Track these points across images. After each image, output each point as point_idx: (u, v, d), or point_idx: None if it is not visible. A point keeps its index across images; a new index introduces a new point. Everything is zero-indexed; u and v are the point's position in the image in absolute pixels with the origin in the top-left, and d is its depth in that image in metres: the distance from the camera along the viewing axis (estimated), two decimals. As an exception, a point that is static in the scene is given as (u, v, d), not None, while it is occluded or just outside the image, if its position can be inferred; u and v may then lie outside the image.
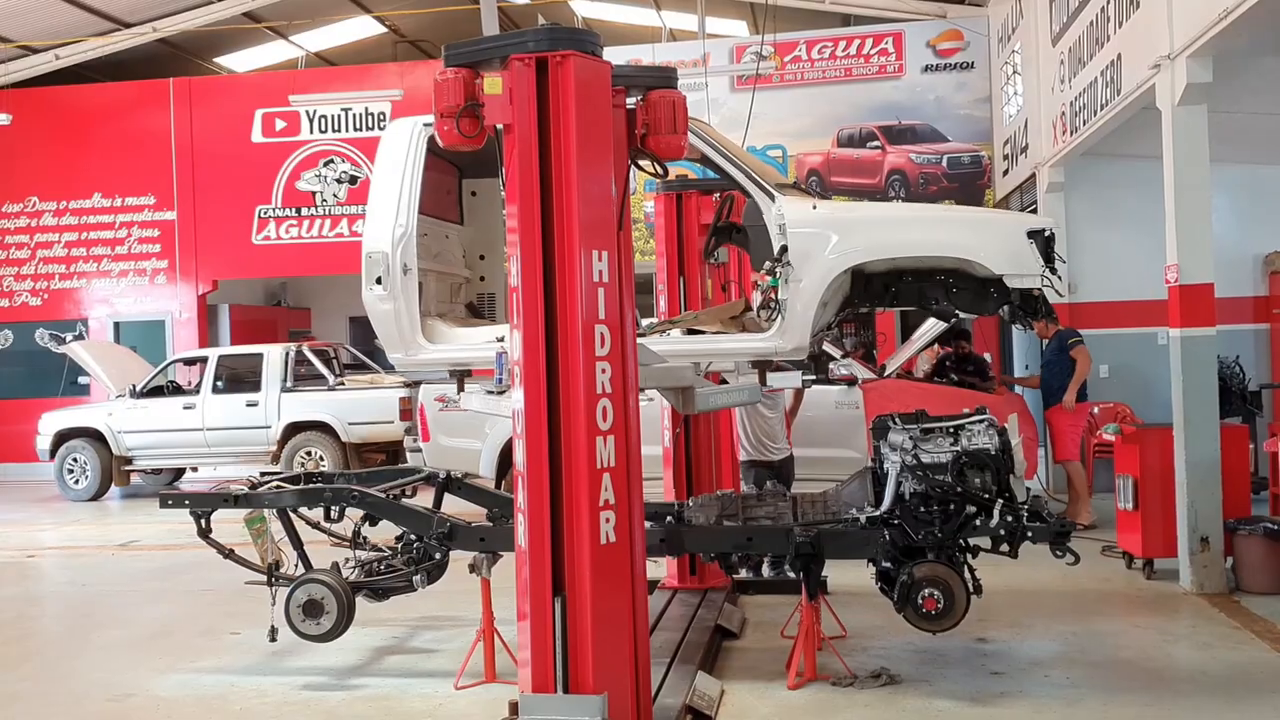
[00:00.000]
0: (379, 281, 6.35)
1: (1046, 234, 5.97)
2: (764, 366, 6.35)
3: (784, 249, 5.98)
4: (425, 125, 6.55)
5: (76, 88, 18.98)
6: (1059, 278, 6.08)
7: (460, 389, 6.68)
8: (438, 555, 6.62)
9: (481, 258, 7.72)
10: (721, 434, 8.32)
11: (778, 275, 5.96)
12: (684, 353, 6.29)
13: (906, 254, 6.11)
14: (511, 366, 4.71)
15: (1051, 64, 12.34)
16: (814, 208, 6.15)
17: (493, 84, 4.61)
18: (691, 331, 6.44)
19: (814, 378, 7.01)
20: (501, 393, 5.88)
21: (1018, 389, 12.16)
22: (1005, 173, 15.91)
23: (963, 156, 17.03)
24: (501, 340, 5.90)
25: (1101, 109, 10.17)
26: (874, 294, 6.25)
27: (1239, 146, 10.91)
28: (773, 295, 6.04)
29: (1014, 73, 14.93)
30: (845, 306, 6.44)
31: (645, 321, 7.01)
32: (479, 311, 7.67)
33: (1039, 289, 5.99)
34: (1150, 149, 8.78)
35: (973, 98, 17.04)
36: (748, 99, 13.23)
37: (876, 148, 17.29)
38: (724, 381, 7.55)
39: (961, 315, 6.56)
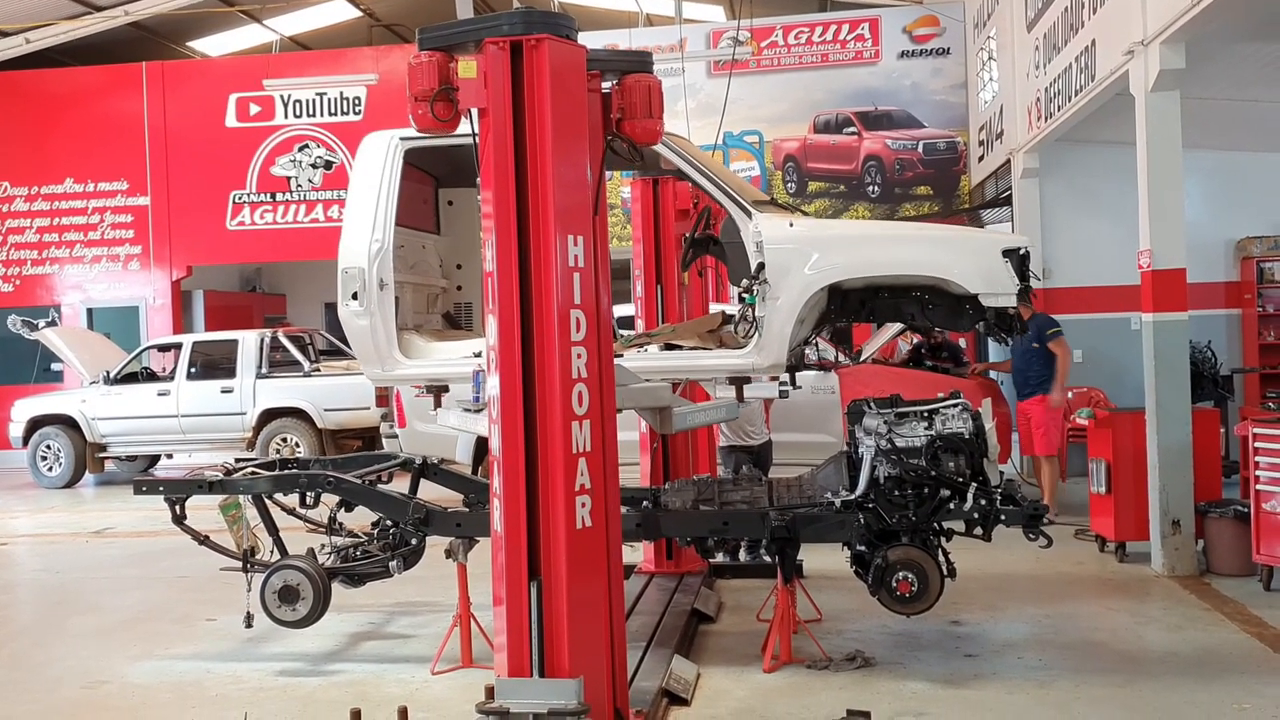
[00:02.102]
0: (355, 297, 6.32)
1: (1021, 253, 6.01)
2: (741, 382, 6.38)
3: (761, 266, 5.99)
4: (402, 139, 6.54)
5: (48, 72, 18.78)
6: (1034, 296, 6.12)
7: (437, 404, 6.66)
8: (414, 541, 6.62)
9: (458, 267, 7.69)
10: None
11: (755, 293, 5.98)
12: (662, 369, 6.34)
13: (883, 272, 6.13)
14: (487, 351, 4.70)
15: (1026, 50, 12.38)
16: (790, 225, 6.14)
17: (467, 68, 4.58)
18: (669, 346, 6.46)
19: (790, 388, 7.07)
20: (479, 410, 5.88)
21: (992, 373, 12.21)
22: (981, 158, 15.97)
23: (939, 142, 17.09)
24: (478, 355, 5.89)
25: (1075, 95, 10.22)
26: (850, 309, 6.28)
27: (1212, 132, 10.99)
28: (750, 312, 6.06)
29: (989, 59, 14.98)
30: (822, 322, 6.47)
31: (623, 333, 7.03)
32: (456, 322, 7.64)
33: (1014, 308, 6.03)
34: (1124, 135, 8.83)
35: (948, 84, 17.09)
36: (724, 84, 13.27)
37: (853, 134, 17.32)
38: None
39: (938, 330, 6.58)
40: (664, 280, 8.05)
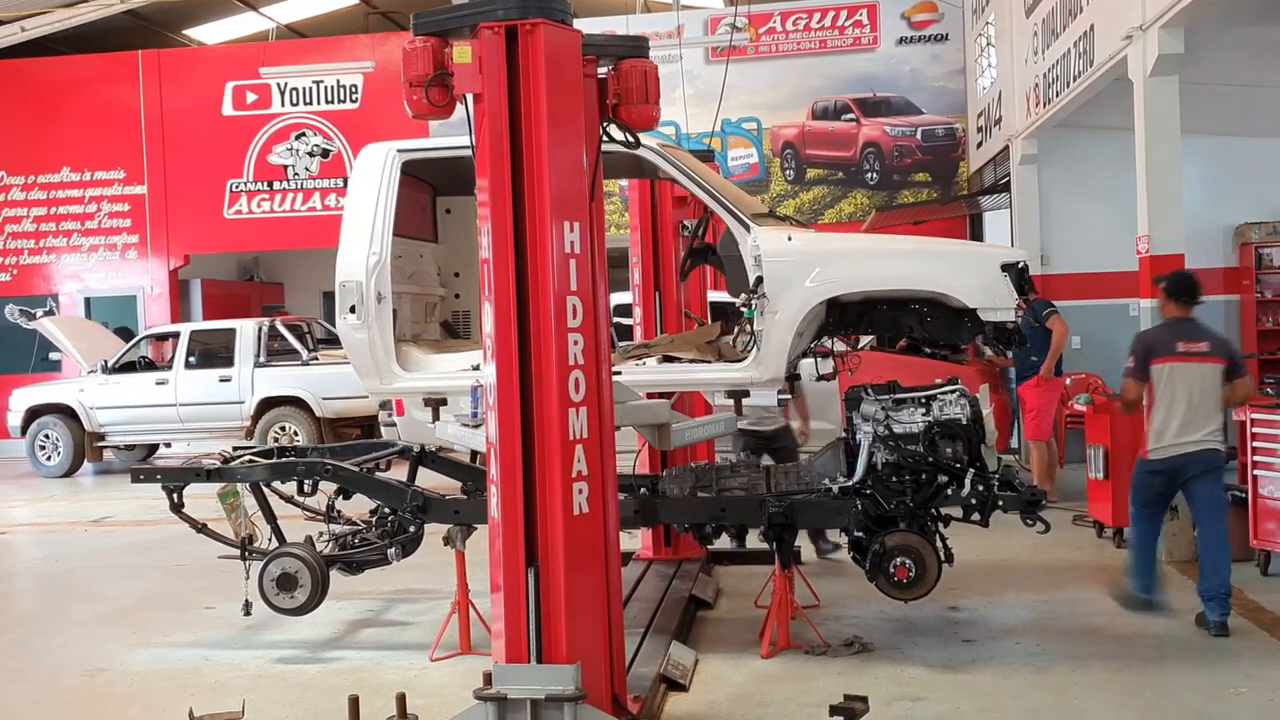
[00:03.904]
0: (353, 310, 6.31)
1: (1020, 266, 6.00)
2: (740, 395, 6.39)
3: (759, 280, 5.97)
4: (399, 151, 6.51)
5: (44, 60, 18.72)
6: (1033, 309, 6.08)
7: (435, 418, 6.67)
8: (412, 528, 6.63)
9: (456, 275, 7.66)
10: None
11: (753, 306, 5.97)
12: (661, 383, 6.36)
13: (881, 287, 6.12)
14: (484, 339, 4.69)
15: (1025, 36, 12.35)
16: (789, 239, 6.12)
17: (462, 53, 4.56)
18: (668, 358, 6.45)
19: (789, 396, 7.03)
20: (477, 426, 5.88)
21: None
22: (979, 145, 15.95)
23: (937, 129, 17.06)
24: (476, 368, 5.88)
25: (1074, 81, 10.20)
26: (849, 321, 6.27)
27: (1210, 118, 10.97)
28: (749, 326, 6.05)
29: (988, 44, 14.94)
30: (820, 334, 6.47)
31: (621, 344, 7.05)
32: (454, 330, 7.62)
33: (1012, 322, 6.02)
34: (1122, 120, 8.82)
35: (947, 70, 17.05)
36: (722, 71, 13.23)
37: (851, 120, 17.28)
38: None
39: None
40: (661, 273, 8.05)
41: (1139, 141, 8.21)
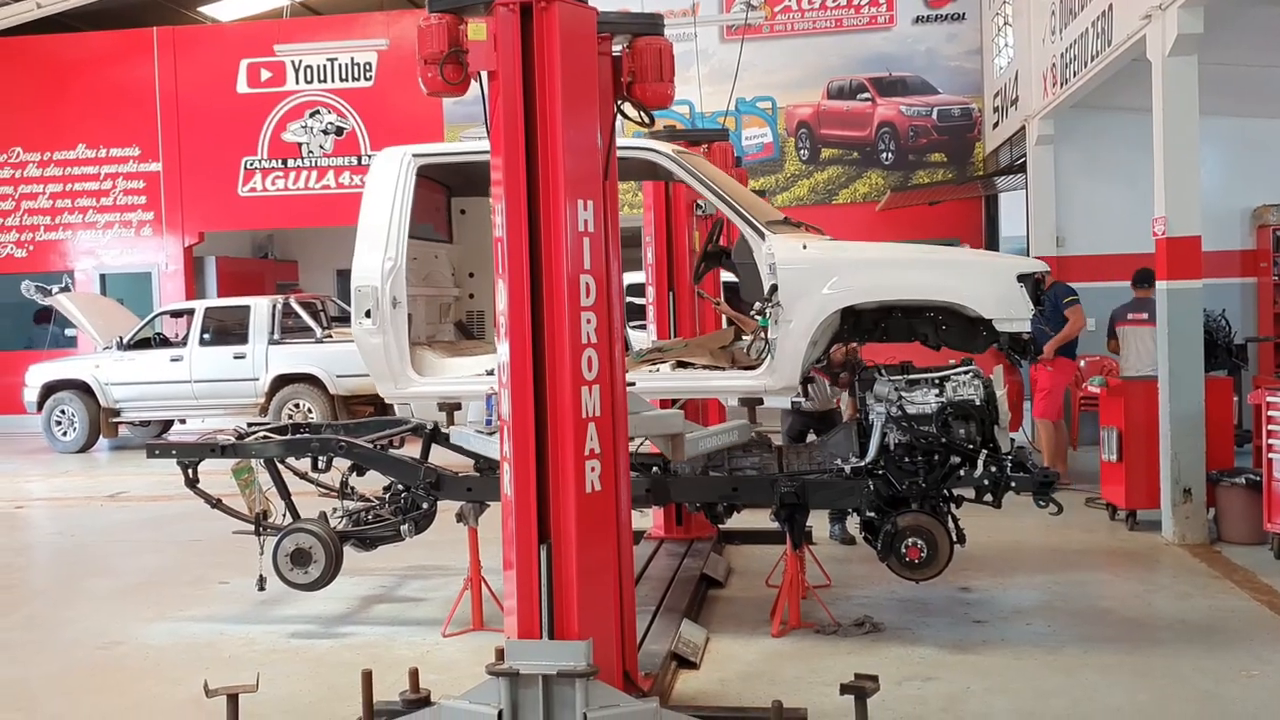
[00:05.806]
0: (368, 315, 6.31)
1: (1037, 277, 5.98)
2: (754, 403, 6.38)
3: (774, 288, 5.93)
4: (415, 155, 6.50)
5: (59, 37, 18.75)
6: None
7: (450, 422, 6.66)
8: (425, 505, 6.64)
9: (471, 275, 7.65)
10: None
11: (768, 315, 5.95)
12: (675, 390, 6.36)
13: (896, 296, 6.08)
14: (497, 317, 4.69)
15: (1042, 15, 12.26)
16: (804, 247, 6.07)
17: (477, 30, 4.54)
18: (681, 364, 6.44)
19: (802, 399, 7.04)
20: (492, 433, 5.88)
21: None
22: (995, 125, 15.86)
23: (953, 109, 16.97)
24: (491, 373, 5.89)
25: (1092, 60, 10.12)
26: (863, 329, 6.25)
27: (1229, 98, 10.89)
28: (763, 334, 6.04)
29: (1005, 24, 14.84)
30: (835, 341, 6.46)
31: (635, 348, 7.06)
32: (469, 331, 7.62)
33: (1028, 333, 6.01)
34: (1140, 101, 8.75)
35: (963, 49, 16.95)
36: (737, 50, 13.18)
37: (867, 100, 17.20)
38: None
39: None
40: (674, 255, 8.03)
41: (1157, 122, 8.15)
